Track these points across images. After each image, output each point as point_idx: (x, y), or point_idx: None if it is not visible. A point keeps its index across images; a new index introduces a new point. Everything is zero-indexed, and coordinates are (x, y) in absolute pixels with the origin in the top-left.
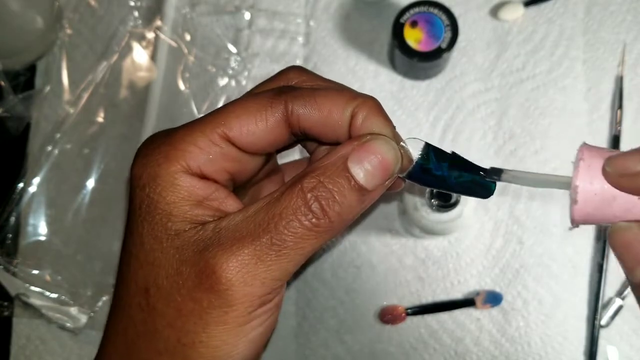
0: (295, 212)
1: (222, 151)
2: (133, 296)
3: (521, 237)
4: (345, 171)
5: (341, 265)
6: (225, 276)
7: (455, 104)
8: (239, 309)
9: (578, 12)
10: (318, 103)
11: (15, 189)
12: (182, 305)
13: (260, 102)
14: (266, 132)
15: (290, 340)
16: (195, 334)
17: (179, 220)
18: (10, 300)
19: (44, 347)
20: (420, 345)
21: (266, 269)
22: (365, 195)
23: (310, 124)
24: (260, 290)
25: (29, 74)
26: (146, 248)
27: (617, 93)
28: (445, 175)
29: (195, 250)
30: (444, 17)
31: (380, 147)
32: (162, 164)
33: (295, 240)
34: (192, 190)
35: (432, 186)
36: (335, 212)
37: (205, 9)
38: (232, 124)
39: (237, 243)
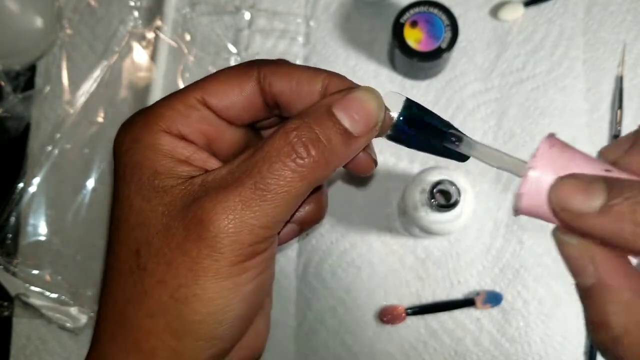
0: (279, 154)
1: (199, 114)
2: (124, 261)
3: (521, 237)
4: (330, 115)
5: (341, 265)
6: (212, 223)
7: (455, 104)
8: (229, 257)
9: (578, 12)
10: (289, 72)
11: (15, 189)
12: (171, 259)
13: (235, 69)
14: (241, 97)
15: (290, 340)
16: (187, 287)
17: (165, 176)
18: (10, 300)
19: (44, 347)
20: (420, 345)
21: (253, 214)
22: (351, 141)
23: (280, 89)
24: (249, 238)
25: (29, 74)
26: (135, 209)
27: (617, 93)
28: (430, 123)
29: (184, 204)
30: (444, 17)
31: (363, 95)
32: (142, 127)
33: (279, 183)
34: (174, 148)
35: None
36: (320, 152)
37: (205, 9)
38: (208, 89)
39: (223, 191)
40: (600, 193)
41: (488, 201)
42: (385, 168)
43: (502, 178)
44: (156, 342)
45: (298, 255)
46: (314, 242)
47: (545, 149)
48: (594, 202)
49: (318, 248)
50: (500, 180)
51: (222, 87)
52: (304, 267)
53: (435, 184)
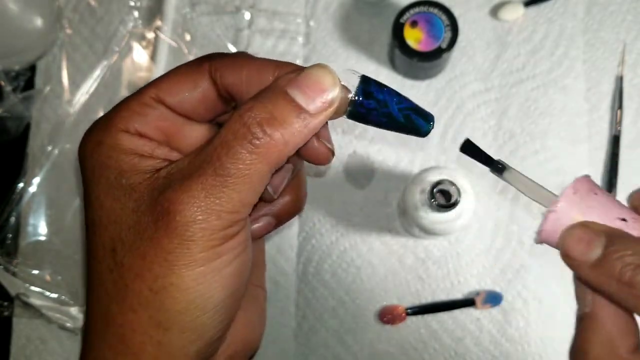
0: (235, 137)
1: (155, 112)
2: (102, 261)
3: (521, 237)
4: (284, 94)
5: (341, 266)
6: (179, 213)
7: (455, 104)
8: (200, 245)
9: (578, 12)
10: (239, 64)
11: (15, 189)
12: (145, 252)
13: (188, 65)
14: (194, 93)
15: (290, 340)
16: (164, 278)
17: (131, 174)
18: (10, 300)
19: (44, 347)
20: (420, 345)
21: (218, 201)
22: (308, 118)
23: (232, 81)
24: (218, 223)
25: (29, 74)
26: (106, 209)
27: (617, 93)
28: (386, 100)
29: (151, 197)
30: (444, 17)
31: (317, 71)
32: (103, 130)
33: (238, 167)
34: (135, 146)
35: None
36: (276, 131)
37: (205, 9)
38: (162, 86)
39: (186, 181)
40: (598, 246)
41: (488, 201)
42: (386, 168)
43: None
44: (142, 337)
45: (298, 255)
46: (314, 242)
47: (569, 194)
48: (591, 254)
49: (318, 248)
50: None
51: (175, 83)
52: (304, 267)
53: (435, 184)
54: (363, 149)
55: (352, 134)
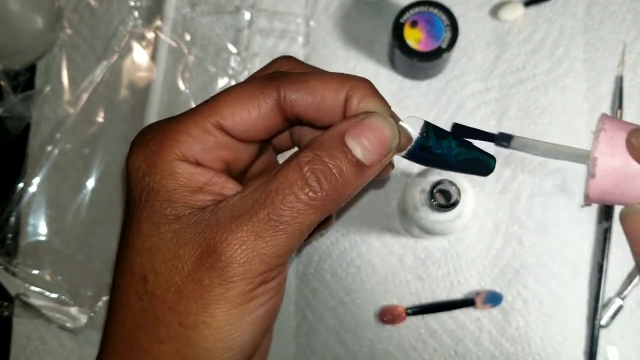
0: (292, 186)
1: (216, 140)
2: (130, 285)
3: (521, 237)
4: (342, 145)
5: (341, 266)
6: (225, 253)
7: (455, 104)
8: (239, 286)
9: (578, 12)
10: (310, 87)
11: (15, 189)
12: (182, 287)
13: (252, 89)
14: (259, 119)
15: (290, 340)
16: (197, 315)
17: (179, 205)
18: (10, 300)
19: (44, 347)
20: (420, 345)
21: (265, 245)
22: (363, 171)
23: (304, 108)
24: (260, 267)
25: (29, 74)
26: (143, 235)
27: (617, 93)
28: (445, 154)
29: (194, 232)
30: (444, 17)
31: (377, 123)
32: (159, 153)
33: (292, 215)
34: (191, 176)
35: (432, 165)
36: (332, 185)
37: (205, 9)
38: (224, 112)
39: (235, 221)
40: None
41: (488, 201)
42: None
43: (502, 178)
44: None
45: (298, 256)
46: (314, 242)
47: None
48: None
49: (318, 248)
50: (500, 180)
51: (239, 110)
52: (304, 267)
53: (435, 184)
54: None
55: None
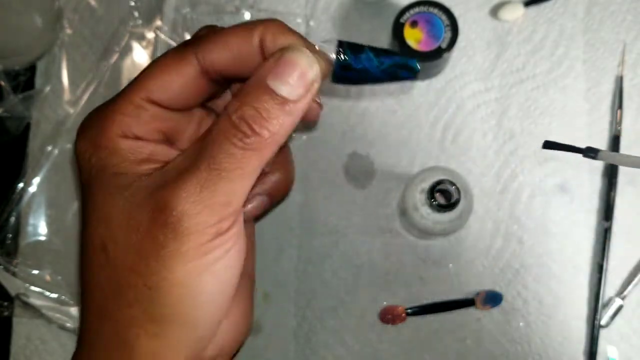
0: (226, 135)
1: (149, 113)
2: (92, 257)
3: (521, 237)
4: (266, 88)
5: (341, 266)
6: (175, 208)
7: (455, 104)
8: (193, 239)
9: (578, 12)
10: (223, 41)
11: (15, 189)
12: (140, 248)
13: (172, 57)
14: (185, 86)
15: (290, 340)
16: (158, 273)
17: (127, 175)
18: (10, 300)
19: (44, 347)
20: (420, 345)
21: (211, 194)
22: (292, 107)
23: (224, 64)
24: (211, 218)
25: (29, 74)
26: (98, 207)
27: (617, 93)
28: (367, 66)
29: (145, 195)
30: (444, 17)
31: (293, 56)
32: (100, 134)
33: (231, 162)
34: (134, 150)
35: (361, 82)
36: (263, 127)
37: (205, 9)
38: (150, 86)
39: (180, 177)
40: None
41: (488, 201)
42: (386, 168)
43: (502, 178)
44: (138, 330)
45: (298, 255)
46: (314, 242)
47: None
48: None
49: (318, 248)
50: (500, 180)
51: (163, 80)
52: (304, 267)
53: (435, 184)
54: (363, 149)
55: (352, 134)
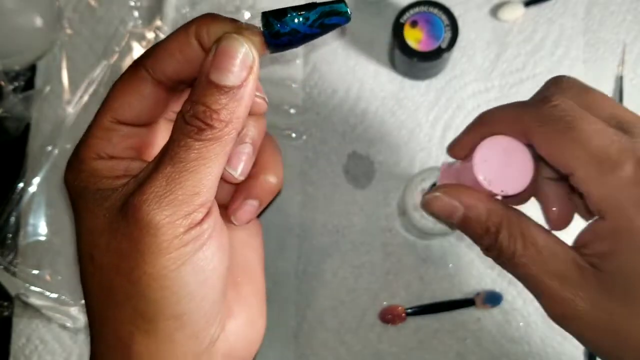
0: (183, 132)
1: (119, 133)
2: (85, 267)
3: None
4: (210, 83)
5: (341, 266)
6: (145, 204)
7: (456, 104)
8: (166, 231)
9: (578, 12)
10: (165, 48)
11: (15, 189)
12: (119, 249)
13: (126, 77)
14: (145, 100)
15: (290, 340)
16: (138, 268)
17: (106, 190)
18: (10, 300)
19: (43, 347)
20: (420, 345)
21: (177, 187)
22: (238, 92)
23: (173, 71)
24: (180, 209)
25: (29, 74)
26: (84, 221)
27: (617, 93)
28: (295, 27)
29: (122, 201)
30: (444, 17)
31: (227, 46)
32: (79, 162)
33: (192, 154)
34: (110, 169)
35: (296, 44)
36: (215, 119)
37: (205, 9)
38: (114, 106)
39: (149, 177)
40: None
41: None
42: (386, 168)
43: None
44: (131, 328)
45: (298, 255)
46: (314, 242)
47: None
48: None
49: (318, 248)
50: None
51: (123, 100)
52: (304, 267)
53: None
54: (363, 149)
55: (352, 134)
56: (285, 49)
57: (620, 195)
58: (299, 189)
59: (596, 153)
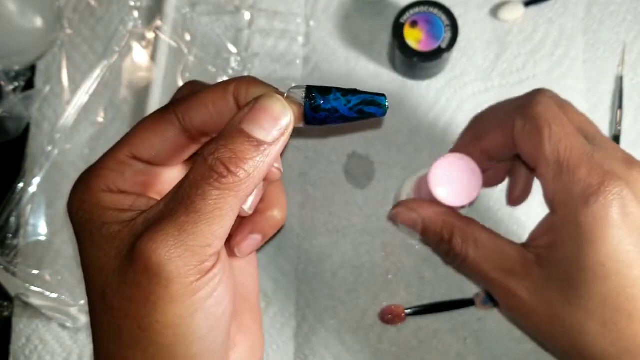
0: (203, 177)
1: (131, 169)
2: (95, 303)
3: (521, 237)
4: (241, 131)
5: (342, 266)
6: (154, 252)
7: (456, 103)
8: (178, 282)
9: (578, 12)
10: (200, 99)
11: (15, 189)
12: (130, 295)
13: (154, 117)
14: (167, 143)
15: (290, 340)
16: (149, 316)
17: (112, 224)
18: (10, 300)
19: (43, 347)
20: (420, 345)
21: (191, 236)
22: (267, 148)
23: (202, 121)
24: (193, 259)
25: (29, 74)
26: (92, 258)
27: (617, 93)
28: (336, 106)
29: (130, 243)
30: (444, 17)
31: (266, 102)
32: (86, 190)
33: (208, 203)
34: (116, 202)
35: (331, 122)
36: (239, 167)
37: (205, 9)
38: (135, 143)
39: (160, 222)
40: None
41: (488, 201)
42: (386, 168)
43: None
44: None
45: (298, 255)
46: (314, 242)
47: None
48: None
49: (318, 248)
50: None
51: (146, 139)
52: (304, 267)
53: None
54: (363, 149)
55: (352, 134)
56: (318, 125)
57: (571, 193)
58: (299, 189)
59: (561, 153)
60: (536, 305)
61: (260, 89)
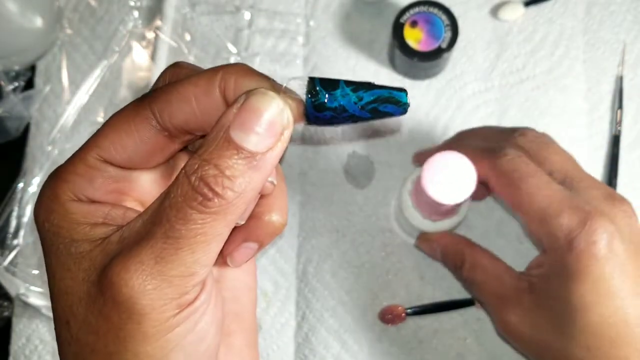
0: (185, 199)
1: (103, 174)
2: (61, 332)
3: (521, 237)
4: (229, 142)
5: (341, 266)
6: (126, 284)
7: (455, 103)
8: (152, 318)
9: (578, 12)
10: (180, 92)
11: (15, 189)
12: (97, 328)
13: (125, 114)
14: (141, 144)
15: (290, 340)
16: (119, 355)
17: (82, 242)
18: (10, 300)
19: (43, 347)
20: (420, 345)
21: (169, 267)
22: (260, 161)
23: (183, 118)
24: (171, 291)
25: (29, 74)
26: (58, 279)
27: (617, 93)
28: (344, 104)
29: (101, 265)
30: (444, 17)
31: (258, 101)
32: (53, 197)
33: (190, 229)
34: (86, 214)
35: (338, 122)
36: (227, 188)
37: (205, 9)
38: (103, 144)
39: (134, 248)
40: None
41: (488, 200)
42: (386, 168)
43: None
44: None
45: (298, 255)
46: (314, 242)
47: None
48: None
49: (318, 248)
50: None
51: (116, 140)
52: (304, 267)
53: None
54: (363, 149)
55: (352, 133)
56: (322, 125)
57: (556, 238)
58: (299, 189)
59: (539, 205)
60: (525, 330)
61: (252, 81)
